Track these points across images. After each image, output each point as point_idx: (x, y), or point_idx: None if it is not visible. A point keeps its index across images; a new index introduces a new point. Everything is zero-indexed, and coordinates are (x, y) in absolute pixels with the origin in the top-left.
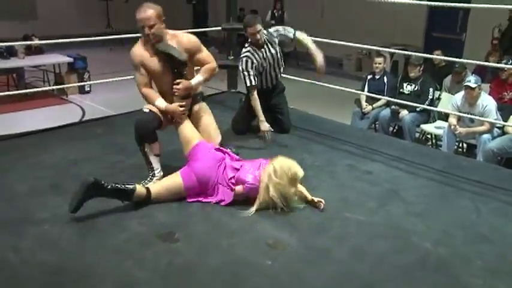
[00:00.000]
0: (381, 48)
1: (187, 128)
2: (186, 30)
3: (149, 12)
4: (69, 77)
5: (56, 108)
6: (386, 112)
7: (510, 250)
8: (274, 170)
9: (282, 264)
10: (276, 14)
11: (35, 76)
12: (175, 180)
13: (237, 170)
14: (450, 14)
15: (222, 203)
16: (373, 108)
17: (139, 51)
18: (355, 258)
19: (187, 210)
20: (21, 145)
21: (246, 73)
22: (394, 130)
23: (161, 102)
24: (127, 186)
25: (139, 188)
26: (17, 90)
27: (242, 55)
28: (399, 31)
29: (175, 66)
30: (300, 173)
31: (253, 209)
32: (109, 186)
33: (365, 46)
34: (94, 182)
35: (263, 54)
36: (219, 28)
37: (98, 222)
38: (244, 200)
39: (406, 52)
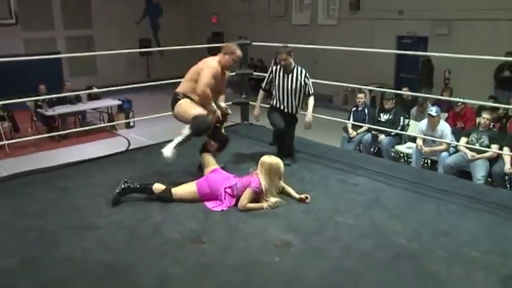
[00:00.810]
0: (362, 86)
1: (208, 156)
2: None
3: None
4: (118, 115)
5: (109, 140)
6: (368, 136)
7: (465, 242)
8: (263, 161)
9: (287, 261)
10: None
11: (93, 116)
12: (191, 184)
13: (235, 183)
14: (413, 60)
15: (226, 207)
16: (357, 134)
17: (217, 69)
18: (345, 255)
19: (211, 218)
20: (83, 169)
21: (265, 78)
22: (375, 151)
23: (214, 107)
24: (147, 184)
25: (158, 185)
26: (81, 127)
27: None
28: (375, 73)
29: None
30: (281, 165)
31: (265, 204)
32: (131, 186)
33: (349, 85)
34: (119, 192)
35: (285, 77)
36: (234, 73)
37: (142, 229)
38: (256, 213)
39: (381, 89)
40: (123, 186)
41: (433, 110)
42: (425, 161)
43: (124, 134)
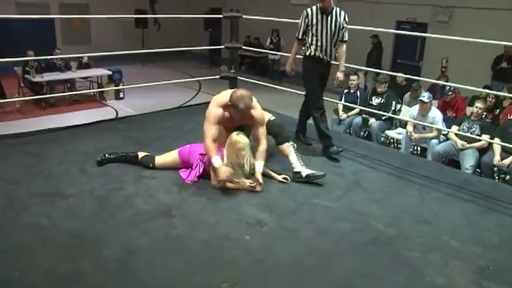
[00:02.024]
0: (355, 66)
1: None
2: (203, 48)
3: (250, 104)
4: (108, 86)
5: (97, 111)
6: (358, 120)
7: (445, 231)
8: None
9: (258, 239)
10: (274, 40)
11: (83, 86)
12: (174, 152)
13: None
14: (411, 46)
15: (196, 176)
16: (348, 116)
17: (221, 112)
18: (319, 236)
19: (185, 192)
20: (63, 136)
21: (299, 26)
22: (365, 135)
23: (217, 162)
24: (131, 152)
25: (142, 153)
26: (69, 96)
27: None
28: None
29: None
30: (241, 143)
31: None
32: (112, 156)
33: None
34: (100, 160)
35: (324, 19)
36: (223, 47)
37: (113, 199)
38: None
39: (375, 70)
40: (102, 157)
41: (425, 96)
42: (415, 147)
43: (113, 105)
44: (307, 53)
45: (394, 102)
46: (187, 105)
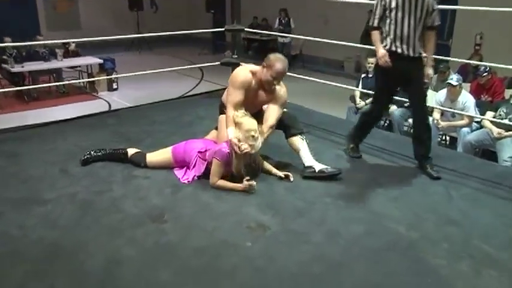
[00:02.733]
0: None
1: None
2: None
3: (286, 70)
4: (99, 76)
5: (88, 104)
6: None
7: (476, 234)
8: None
9: (260, 246)
10: (283, 21)
11: (71, 76)
12: (167, 149)
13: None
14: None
15: (195, 175)
16: (366, 104)
17: (250, 77)
18: (330, 241)
19: (179, 194)
20: (43, 133)
21: (374, 10)
22: (386, 124)
23: (231, 133)
24: (120, 149)
25: (132, 149)
26: (56, 88)
27: None
28: None
29: None
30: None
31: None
32: (99, 154)
33: (361, 45)
34: (85, 159)
35: (407, 2)
36: (223, 29)
37: (98, 203)
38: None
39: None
40: (87, 156)
41: (453, 79)
42: (443, 137)
43: (105, 97)
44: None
45: None
46: (188, 95)
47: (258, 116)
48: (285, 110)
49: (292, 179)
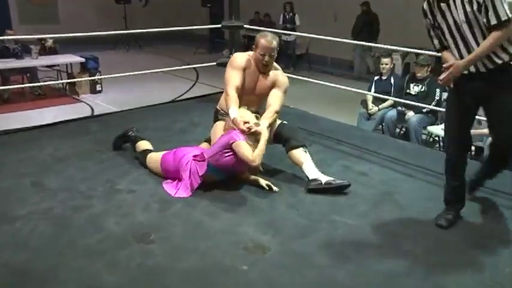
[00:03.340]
0: (387, 46)
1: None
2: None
3: (274, 43)
4: (81, 76)
5: (67, 108)
6: (392, 113)
7: (508, 260)
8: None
9: (259, 269)
10: (287, 17)
11: (49, 76)
12: (159, 154)
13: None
14: None
15: (190, 184)
16: (379, 109)
17: (247, 59)
18: (338, 265)
19: (169, 210)
20: (15, 141)
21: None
22: (402, 132)
23: (234, 112)
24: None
25: (143, 143)
26: (31, 89)
27: None
28: (413, 33)
29: None
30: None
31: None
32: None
33: (372, 44)
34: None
35: (443, 6)
36: (219, 26)
37: (75, 221)
38: (228, 202)
39: (414, 50)
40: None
41: None
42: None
43: (88, 100)
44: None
45: (438, 90)
46: (181, 99)
47: (261, 108)
48: (284, 122)
49: (276, 189)
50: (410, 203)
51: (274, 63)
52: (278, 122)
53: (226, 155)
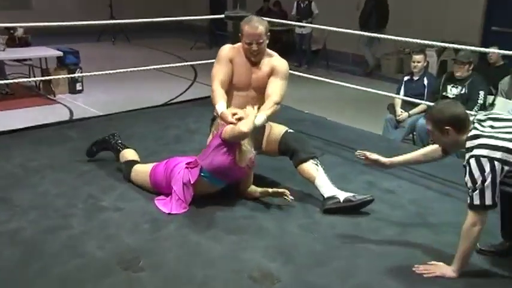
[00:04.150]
0: (421, 41)
1: None
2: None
3: (260, 28)
4: (58, 74)
5: (41, 110)
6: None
7: None
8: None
9: None
10: (302, 5)
11: (19, 73)
12: (149, 165)
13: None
14: None
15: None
16: (409, 116)
17: (233, 50)
18: None
19: (161, 232)
20: None
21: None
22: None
23: (221, 106)
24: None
25: (128, 152)
26: None
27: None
28: (450, 26)
29: None
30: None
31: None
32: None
33: (402, 39)
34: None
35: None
36: (222, 16)
37: (48, 244)
38: (231, 222)
39: (453, 46)
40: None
41: None
42: None
43: (66, 101)
44: None
45: (482, 93)
46: (176, 101)
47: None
48: (290, 130)
49: (290, 198)
50: (447, 227)
51: (268, 50)
52: (283, 130)
53: (220, 152)
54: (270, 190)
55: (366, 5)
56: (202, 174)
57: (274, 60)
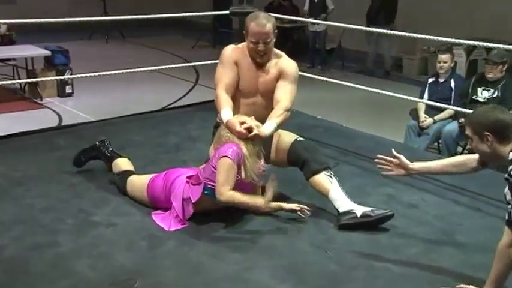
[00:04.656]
0: (448, 39)
1: None
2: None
3: (268, 26)
4: (46, 75)
5: (27, 115)
6: (453, 127)
7: None
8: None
9: None
10: (316, 0)
11: (2, 74)
12: (147, 176)
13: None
14: None
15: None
16: (434, 122)
17: (237, 51)
18: None
19: (159, 249)
20: None
21: None
22: (465, 151)
23: (226, 114)
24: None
25: (121, 161)
26: None
27: None
28: (481, 21)
29: None
30: None
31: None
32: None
33: (429, 37)
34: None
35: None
36: (227, 12)
37: (33, 263)
38: (236, 239)
39: (484, 44)
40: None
41: None
42: None
43: (54, 105)
44: None
45: None
46: (176, 106)
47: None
48: (300, 138)
49: (305, 214)
50: (477, 246)
51: (276, 50)
52: (292, 138)
53: None
54: (285, 205)
55: (373, 1)
56: (205, 192)
57: (283, 62)
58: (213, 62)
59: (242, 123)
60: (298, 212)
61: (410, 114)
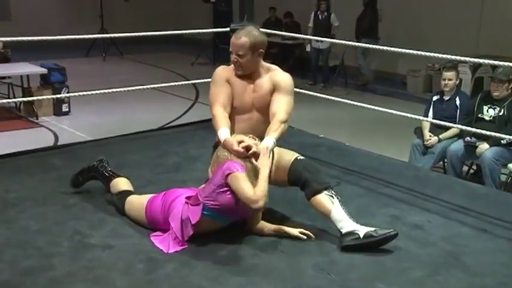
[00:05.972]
0: (453, 57)
1: None
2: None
3: (243, 40)
4: (42, 93)
5: (22, 134)
6: (458, 146)
7: None
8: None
9: None
10: (321, 17)
11: None
12: (145, 197)
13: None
14: None
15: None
16: (439, 140)
17: (228, 70)
18: None
19: (157, 273)
20: None
21: None
22: (471, 171)
23: (224, 133)
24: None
25: (120, 180)
26: None
27: None
28: (488, 40)
29: None
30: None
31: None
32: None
33: (433, 54)
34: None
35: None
36: (228, 29)
37: (28, 287)
38: (237, 262)
39: (489, 61)
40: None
41: None
42: None
43: (51, 125)
44: None
45: None
46: (175, 124)
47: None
48: (300, 157)
49: (312, 238)
50: (484, 268)
51: (268, 64)
52: (292, 157)
53: (226, 192)
54: (287, 229)
55: (362, 15)
56: (204, 212)
57: (276, 75)
58: (207, 80)
59: (240, 142)
60: (302, 236)
61: (414, 133)
